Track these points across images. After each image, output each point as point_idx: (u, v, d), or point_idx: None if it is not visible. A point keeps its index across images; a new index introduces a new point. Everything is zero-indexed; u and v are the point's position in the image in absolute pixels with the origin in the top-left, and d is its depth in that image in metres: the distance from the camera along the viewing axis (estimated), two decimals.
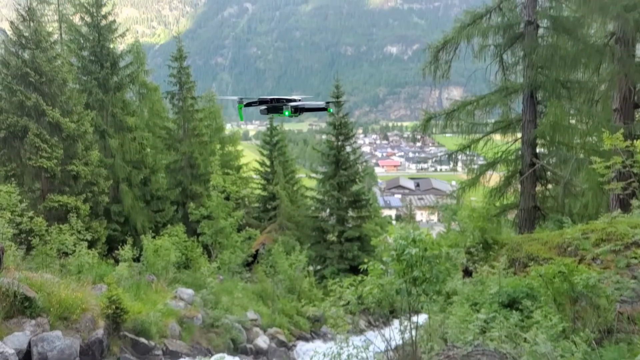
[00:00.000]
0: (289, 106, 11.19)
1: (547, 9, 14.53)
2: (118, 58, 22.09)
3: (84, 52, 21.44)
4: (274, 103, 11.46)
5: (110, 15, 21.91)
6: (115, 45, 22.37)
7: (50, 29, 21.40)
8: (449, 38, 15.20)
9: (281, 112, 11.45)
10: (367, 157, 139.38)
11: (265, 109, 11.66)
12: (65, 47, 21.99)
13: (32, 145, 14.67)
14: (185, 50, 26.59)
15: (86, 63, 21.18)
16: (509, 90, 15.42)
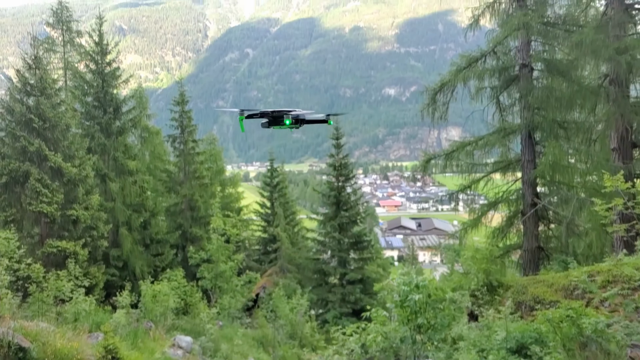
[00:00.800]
0: (289, 115, 11.29)
1: (541, 53, 14.88)
2: (121, 103, 22.46)
3: (87, 97, 21.82)
4: (275, 115, 11.52)
5: (115, 62, 22.45)
6: (118, 91, 22.80)
7: (56, 76, 21.91)
8: (445, 81, 15.46)
9: (282, 123, 11.54)
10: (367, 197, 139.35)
11: (267, 122, 11.76)
12: (70, 93, 22.40)
13: (33, 190, 14.69)
14: (187, 95, 27.09)
15: (89, 108, 21.53)
16: (507, 131, 15.57)
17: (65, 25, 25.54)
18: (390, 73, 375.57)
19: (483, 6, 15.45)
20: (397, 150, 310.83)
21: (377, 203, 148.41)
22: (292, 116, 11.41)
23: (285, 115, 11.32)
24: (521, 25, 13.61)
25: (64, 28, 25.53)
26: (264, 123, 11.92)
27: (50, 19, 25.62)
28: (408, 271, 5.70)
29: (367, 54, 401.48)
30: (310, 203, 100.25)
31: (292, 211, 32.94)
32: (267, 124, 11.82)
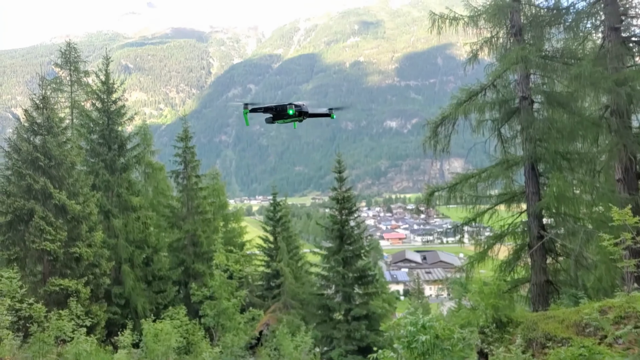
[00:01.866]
0: (292, 106, 11.42)
1: (540, 85, 14.99)
2: (125, 140, 22.72)
3: (93, 135, 22.11)
4: (279, 109, 11.71)
5: (120, 100, 22.84)
6: (123, 128, 23.10)
7: (63, 114, 22.26)
8: (446, 114, 15.53)
9: (286, 116, 11.67)
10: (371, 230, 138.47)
11: (271, 117, 11.92)
12: (76, 131, 22.72)
13: (37, 228, 14.67)
14: (190, 130, 27.38)
15: (95, 146, 21.77)
16: (510, 163, 15.53)
17: (73, 66, 26.19)
18: (391, 106, 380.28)
19: (481, 41, 15.68)
20: (399, 182, 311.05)
21: (381, 236, 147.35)
22: (296, 108, 11.52)
23: (289, 105, 11.46)
24: (519, 59, 13.77)
25: (72, 68, 26.17)
26: (268, 118, 12.19)
27: (59, 59, 26.30)
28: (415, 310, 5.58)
29: (368, 87, 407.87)
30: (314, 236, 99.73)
31: (295, 245, 32.69)
32: (272, 119, 12.07)
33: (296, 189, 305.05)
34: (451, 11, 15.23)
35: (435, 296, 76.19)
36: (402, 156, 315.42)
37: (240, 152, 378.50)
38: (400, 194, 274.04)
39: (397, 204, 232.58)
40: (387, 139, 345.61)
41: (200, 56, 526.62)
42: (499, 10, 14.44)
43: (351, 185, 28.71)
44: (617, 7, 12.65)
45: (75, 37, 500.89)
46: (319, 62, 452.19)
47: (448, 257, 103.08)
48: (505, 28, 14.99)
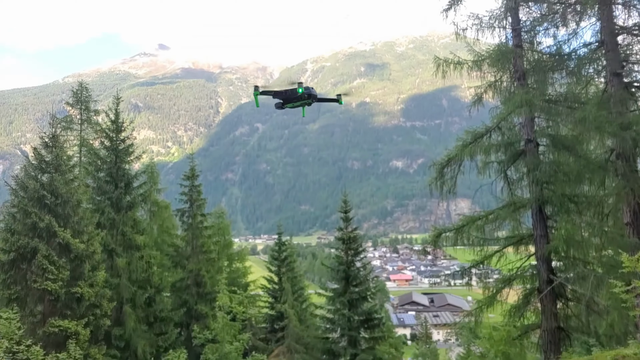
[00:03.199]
0: (302, 85, 11.67)
1: (545, 128, 15.06)
2: (132, 178, 22.84)
3: (100, 173, 22.27)
4: (288, 93, 12.00)
5: (129, 139, 23.12)
6: (130, 166, 23.28)
7: (71, 152, 22.55)
8: (452, 155, 15.55)
9: (295, 99, 12.02)
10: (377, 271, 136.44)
11: (280, 102, 12.18)
12: (83, 169, 22.92)
13: (40, 267, 14.56)
14: (197, 168, 27.55)
15: (101, 183, 21.88)
16: (517, 205, 15.41)
17: (83, 105, 26.75)
18: (397, 146, 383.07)
19: (485, 85, 15.90)
20: (406, 222, 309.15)
21: (387, 277, 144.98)
22: (305, 90, 11.85)
23: (299, 84, 11.78)
24: (524, 102, 13.89)
25: (82, 107, 26.72)
26: (278, 104, 12.44)
27: (70, 99, 26.89)
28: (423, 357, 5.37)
29: (374, 127, 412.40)
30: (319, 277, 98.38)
31: (300, 286, 32.20)
32: (281, 104, 12.38)
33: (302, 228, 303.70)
34: (455, 56, 15.49)
35: (443, 341, 74.03)
36: (408, 196, 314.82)
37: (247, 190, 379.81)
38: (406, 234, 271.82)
39: (403, 244, 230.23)
40: (393, 179, 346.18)
41: (209, 95, 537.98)
42: (502, 55, 14.69)
43: (357, 225, 28.50)
44: (618, 54, 12.84)
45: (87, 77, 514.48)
46: None
47: (456, 300, 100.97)
48: (509, 72, 15.21)
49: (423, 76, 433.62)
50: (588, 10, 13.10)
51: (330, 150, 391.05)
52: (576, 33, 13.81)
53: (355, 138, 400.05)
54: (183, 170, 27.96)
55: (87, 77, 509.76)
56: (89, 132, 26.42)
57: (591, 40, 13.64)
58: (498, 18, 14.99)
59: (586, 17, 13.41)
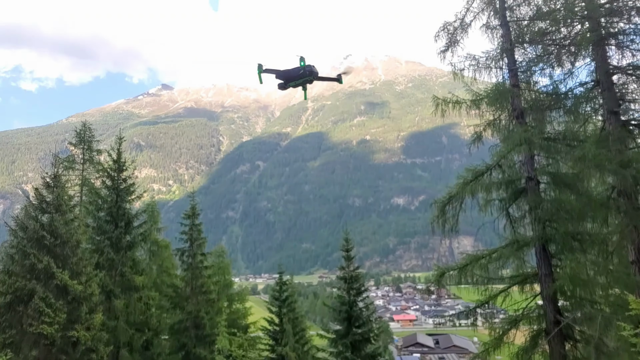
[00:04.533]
0: (304, 60, 11.94)
1: (545, 166, 15.08)
2: (133, 218, 22.76)
3: (101, 212, 22.23)
4: (290, 73, 12.27)
5: (130, 178, 23.19)
6: (131, 205, 23.25)
7: (72, 192, 22.57)
8: (453, 193, 15.51)
9: (297, 77, 12.27)
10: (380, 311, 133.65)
11: (282, 83, 12.43)
12: (84, 209, 22.89)
13: (36, 310, 14.29)
14: (197, 207, 27.48)
15: (101, 223, 21.80)
16: (520, 244, 15.23)
17: (86, 145, 27.02)
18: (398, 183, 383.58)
19: (484, 123, 16.02)
20: (408, 260, 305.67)
21: (390, 317, 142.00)
22: (307, 67, 12.16)
23: (301, 58, 12.01)
24: (523, 141, 13.98)
25: (85, 147, 26.98)
26: (281, 84, 12.72)
27: (73, 139, 27.18)
28: None
29: (375, 165, 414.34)
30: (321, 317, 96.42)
31: (301, 327, 31.44)
32: (283, 84, 12.65)
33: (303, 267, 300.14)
34: (454, 95, 15.72)
35: None
36: (410, 233, 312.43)
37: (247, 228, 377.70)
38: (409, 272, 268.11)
39: (406, 283, 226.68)
40: (395, 216, 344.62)
41: (210, 134, 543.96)
42: (499, 95, 14.89)
43: (359, 264, 28.10)
44: (614, 93, 13.03)
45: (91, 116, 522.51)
46: (326, 140, 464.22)
47: (462, 341, 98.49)
48: (507, 111, 15.36)
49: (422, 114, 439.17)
50: (582, 51, 13.38)
51: (332, 187, 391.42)
52: (572, 73, 14.06)
53: (356, 175, 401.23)
54: (184, 208, 27.89)
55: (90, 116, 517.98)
56: (90, 171, 26.57)
57: (587, 80, 13.87)
58: (494, 59, 15.29)
59: (581, 58, 13.68)
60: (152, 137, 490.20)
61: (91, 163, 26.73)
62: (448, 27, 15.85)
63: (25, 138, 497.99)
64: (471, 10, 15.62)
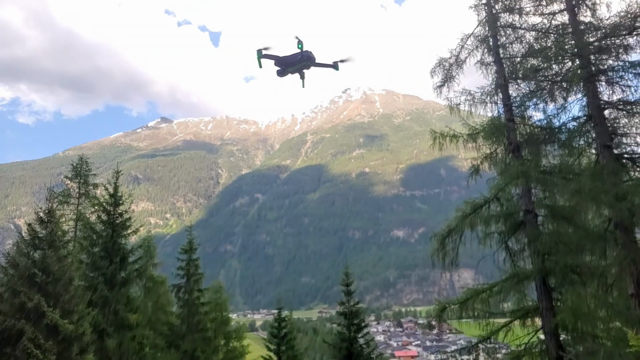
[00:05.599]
0: (302, 43, 12.09)
1: (542, 199, 15.10)
2: (128, 253, 22.49)
3: (95, 248, 21.96)
4: (289, 58, 12.45)
5: (126, 212, 23.01)
6: (127, 240, 23.01)
7: (67, 227, 22.34)
8: (452, 227, 15.49)
9: (295, 62, 12.47)
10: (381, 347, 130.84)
11: (281, 70, 12.64)
12: (78, 244, 22.63)
13: (25, 351, 13.89)
14: (195, 241, 27.27)
15: (96, 259, 21.51)
16: (520, 277, 15.09)
17: (82, 179, 26.91)
18: (398, 215, 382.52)
19: (481, 157, 16.15)
20: (409, 293, 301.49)
21: (392, 353, 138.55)
22: (305, 52, 12.34)
23: (299, 41, 12.19)
24: (520, 174, 14.04)
25: (81, 181, 26.86)
26: (279, 71, 12.90)
27: (69, 173, 27.11)
28: None
29: (374, 197, 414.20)
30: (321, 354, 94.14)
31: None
32: (282, 71, 12.82)
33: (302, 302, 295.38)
34: (450, 129, 15.90)
35: None
36: (410, 266, 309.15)
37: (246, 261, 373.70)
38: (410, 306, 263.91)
39: (407, 317, 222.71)
40: (395, 249, 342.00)
41: (209, 167, 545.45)
42: (495, 129, 15.07)
43: (359, 299, 27.75)
44: (606, 127, 13.18)
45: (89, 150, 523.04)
46: (325, 172, 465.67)
47: None
48: (503, 145, 15.52)
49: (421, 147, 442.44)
50: (574, 87, 13.61)
51: (331, 220, 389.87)
52: (564, 107, 14.25)
53: (355, 207, 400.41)
54: (181, 242, 27.70)
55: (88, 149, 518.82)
56: (86, 205, 26.38)
57: (579, 114, 14.04)
58: (489, 94, 15.54)
59: (572, 93, 13.90)
60: (150, 170, 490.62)
61: (87, 197, 26.57)
62: (444, 64, 16.19)
63: (20, 171, 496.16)
64: (465, 47, 15.97)
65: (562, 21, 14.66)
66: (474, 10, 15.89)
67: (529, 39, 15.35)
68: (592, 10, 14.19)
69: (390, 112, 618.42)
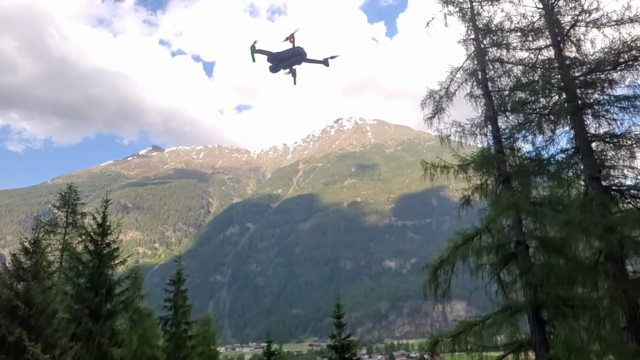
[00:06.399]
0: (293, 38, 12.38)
1: (533, 230, 15.10)
2: (114, 284, 22.05)
3: (81, 279, 21.51)
4: (281, 54, 12.90)
5: (114, 242, 22.64)
6: (114, 271, 22.56)
7: (52, 257, 21.90)
8: (444, 258, 15.42)
9: (286, 58, 12.85)
10: None
11: (273, 66, 12.99)
12: (63, 275, 22.15)
13: None
14: (184, 271, 26.85)
15: (81, 290, 21.03)
16: (513, 310, 14.93)
17: (70, 208, 26.61)
18: (390, 245, 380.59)
19: (472, 188, 16.21)
20: (401, 325, 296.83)
21: None
22: (297, 48, 12.74)
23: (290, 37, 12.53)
24: (510, 205, 14.08)
25: (69, 210, 26.54)
26: (271, 67, 13.27)
27: (57, 201, 26.79)
28: None
29: (366, 227, 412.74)
30: None
31: None
32: (274, 67, 13.16)
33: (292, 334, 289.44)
34: (441, 160, 16.02)
35: None
36: (402, 297, 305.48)
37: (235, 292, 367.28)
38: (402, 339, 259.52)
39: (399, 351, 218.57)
40: (387, 279, 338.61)
41: (200, 195, 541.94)
42: (485, 160, 15.19)
43: (351, 331, 27.28)
44: (594, 159, 13.34)
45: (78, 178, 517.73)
46: (317, 202, 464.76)
47: None
48: (494, 176, 15.61)
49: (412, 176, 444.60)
50: (561, 119, 13.85)
51: (323, 249, 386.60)
52: (553, 140, 14.45)
53: (347, 237, 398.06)
54: (169, 272, 27.26)
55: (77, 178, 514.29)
56: (73, 235, 25.97)
57: (567, 146, 14.24)
58: (479, 126, 15.75)
59: (560, 126, 14.14)
60: (140, 198, 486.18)
61: (74, 227, 26.17)
62: (434, 96, 16.46)
63: (6, 200, 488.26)
64: (455, 80, 16.27)
65: (549, 56, 15.04)
66: (463, 45, 16.27)
67: (517, 73, 15.69)
68: (577, 46, 14.60)
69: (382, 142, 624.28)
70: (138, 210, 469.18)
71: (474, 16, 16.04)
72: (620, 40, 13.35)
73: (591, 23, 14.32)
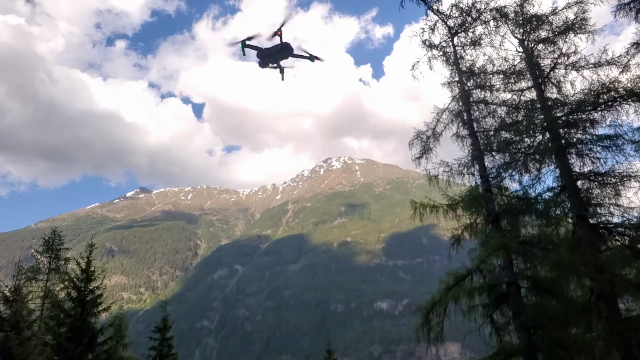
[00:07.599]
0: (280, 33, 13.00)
1: (524, 270, 15.01)
2: (97, 333, 21.16)
3: (62, 328, 20.61)
4: (270, 50, 13.71)
5: (98, 288, 21.95)
6: (97, 319, 21.79)
7: (33, 305, 21.15)
8: (436, 300, 15.22)
9: (275, 53, 13.67)
10: None
11: (262, 61, 13.81)
12: (43, 324, 21.32)
13: None
14: (170, 317, 26.05)
15: (62, 340, 20.06)
16: (508, 353, 14.64)
17: (53, 253, 25.95)
18: (381, 286, 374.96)
19: (461, 227, 16.21)
20: None
21: None
22: (284, 43, 13.63)
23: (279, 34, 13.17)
24: (500, 246, 14.03)
25: (52, 255, 25.87)
26: (260, 62, 14.05)
27: (40, 247, 26.14)
28: None
29: (357, 267, 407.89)
30: None
31: None
32: (262, 62, 13.99)
33: None
34: (430, 200, 16.07)
35: None
36: (395, 340, 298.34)
37: (223, 339, 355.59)
38: None
39: None
40: (379, 322, 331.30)
41: (188, 237, 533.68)
42: (474, 199, 15.25)
43: None
44: (580, 197, 13.45)
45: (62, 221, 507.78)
46: (307, 242, 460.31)
47: None
48: (483, 215, 15.64)
49: (402, 215, 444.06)
50: (546, 159, 14.04)
51: (313, 292, 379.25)
52: (539, 178, 14.61)
53: (338, 278, 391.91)
54: (155, 318, 26.41)
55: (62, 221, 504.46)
56: (56, 281, 25.20)
57: (554, 185, 14.38)
58: (466, 165, 15.93)
59: (545, 165, 14.33)
60: (126, 241, 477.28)
61: (57, 272, 25.41)
62: (421, 136, 16.70)
63: None
64: (441, 121, 16.58)
65: (531, 97, 15.44)
66: (448, 87, 16.68)
67: (501, 114, 16.05)
68: (557, 87, 15.03)
69: (371, 181, 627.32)
70: (124, 253, 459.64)
71: (457, 60, 16.53)
72: (598, 82, 13.77)
73: (570, 66, 14.83)
